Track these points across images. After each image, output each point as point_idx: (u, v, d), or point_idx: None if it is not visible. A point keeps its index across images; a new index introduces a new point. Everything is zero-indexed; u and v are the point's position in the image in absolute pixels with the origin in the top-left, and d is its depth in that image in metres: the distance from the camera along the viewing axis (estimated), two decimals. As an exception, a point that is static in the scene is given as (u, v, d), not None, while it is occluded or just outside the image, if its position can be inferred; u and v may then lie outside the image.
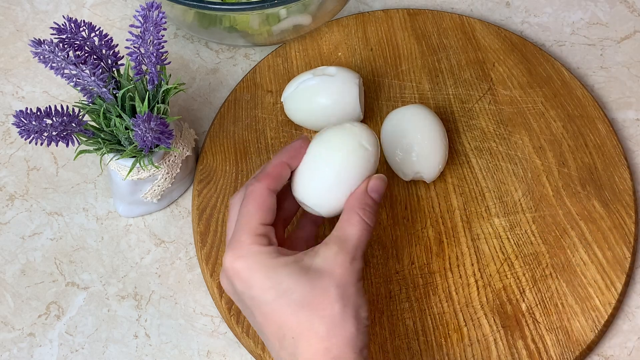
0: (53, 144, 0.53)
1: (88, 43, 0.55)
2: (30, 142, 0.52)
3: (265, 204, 0.48)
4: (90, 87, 0.55)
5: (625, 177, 0.62)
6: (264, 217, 0.48)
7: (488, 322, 0.57)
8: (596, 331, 0.56)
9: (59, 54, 0.52)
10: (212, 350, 0.59)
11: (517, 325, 0.56)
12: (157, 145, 0.57)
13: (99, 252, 0.63)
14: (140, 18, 0.53)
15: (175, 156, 0.61)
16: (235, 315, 0.58)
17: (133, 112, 0.57)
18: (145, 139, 0.54)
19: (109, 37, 0.56)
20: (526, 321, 0.56)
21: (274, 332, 0.45)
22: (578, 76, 0.70)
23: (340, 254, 0.46)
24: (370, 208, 0.49)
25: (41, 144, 0.53)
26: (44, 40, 0.51)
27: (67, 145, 0.54)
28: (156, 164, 0.59)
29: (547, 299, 0.57)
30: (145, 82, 0.57)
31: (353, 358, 0.43)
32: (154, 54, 0.54)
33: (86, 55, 0.54)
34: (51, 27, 0.53)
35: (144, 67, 0.56)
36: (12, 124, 0.52)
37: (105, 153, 0.57)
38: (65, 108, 0.53)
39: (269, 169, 0.50)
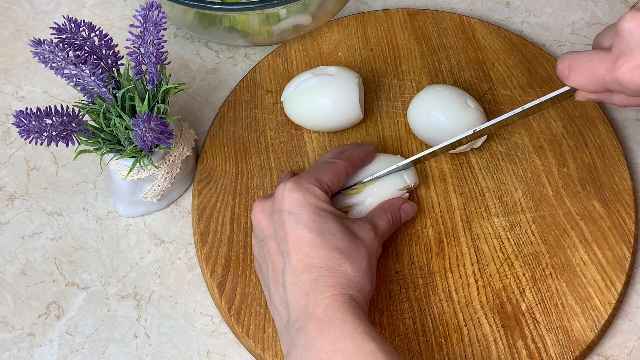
0: (53, 144, 0.53)
1: (88, 43, 0.55)
2: (30, 142, 0.52)
3: (338, 176, 0.56)
4: (90, 87, 0.55)
5: (625, 177, 0.62)
6: (332, 182, 0.55)
7: (488, 322, 0.57)
8: (596, 331, 0.56)
9: (59, 54, 0.52)
10: (212, 350, 0.59)
11: (517, 325, 0.56)
12: (157, 145, 0.57)
13: (99, 252, 0.63)
14: (140, 18, 0.53)
15: (175, 156, 0.61)
16: (235, 315, 0.58)
17: (133, 112, 0.57)
18: (145, 139, 0.54)
19: (109, 37, 0.56)
20: (526, 321, 0.56)
21: (301, 259, 0.50)
22: (578, 76, 0.70)
23: (372, 232, 0.55)
24: (397, 220, 0.58)
25: (41, 144, 0.53)
26: (44, 40, 0.51)
27: (67, 145, 0.54)
28: (156, 164, 0.59)
29: (547, 299, 0.57)
30: (145, 82, 0.57)
31: (362, 303, 0.50)
32: (154, 54, 0.54)
33: (86, 55, 0.55)
34: (51, 27, 0.53)
35: (144, 67, 0.56)
36: (12, 124, 0.52)
37: (105, 153, 0.57)
38: (65, 108, 0.54)
39: (351, 157, 0.58)
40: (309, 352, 0.47)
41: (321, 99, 0.63)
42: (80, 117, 0.55)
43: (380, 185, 0.59)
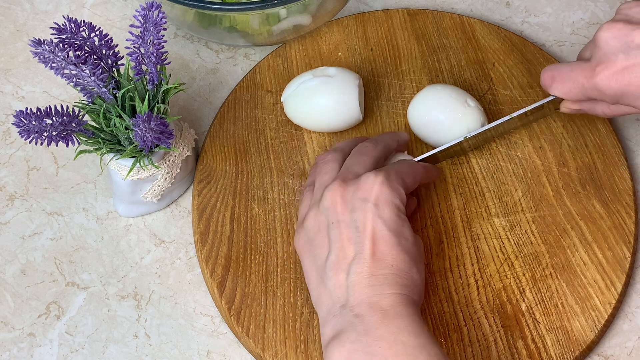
0: (53, 144, 0.53)
1: (88, 43, 0.55)
2: (30, 142, 0.52)
3: (416, 182, 0.57)
4: (90, 87, 0.55)
5: (625, 177, 0.62)
6: (411, 186, 0.56)
7: (488, 322, 0.57)
8: (596, 331, 0.56)
9: (59, 54, 0.52)
10: (212, 350, 0.59)
11: (517, 325, 0.56)
12: (157, 145, 0.58)
13: (99, 252, 0.63)
14: (140, 18, 0.53)
15: (175, 156, 0.61)
16: (235, 315, 0.58)
17: (133, 112, 0.57)
18: (145, 139, 0.54)
19: (109, 37, 0.56)
20: (526, 321, 0.56)
21: (374, 252, 0.50)
22: (578, 76, 0.70)
23: (421, 242, 0.55)
24: None
25: (41, 144, 0.53)
26: (44, 40, 0.51)
27: (67, 145, 0.54)
28: (156, 164, 0.59)
29: (547, 299, 0.57)
30: (145, 82, 0.57)
31: (419, 306, 0.51)
32: (154, 54, 0.54)
33: (86, 55, 0.55)
34: (51, 27, 0.53)
35: (144, 67, 0.56)
36: (12, 124, 0.52)
37: (105, 153, 0.57)
38: (65, 108, 0.54)
39: (424, 169, 0.59)
40: (367, 338, 0.47)
41: (321, 100, 0.63)
42: (80, 117, 0.55)
43: None
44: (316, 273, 0.53)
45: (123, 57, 0.57)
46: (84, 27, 0.54)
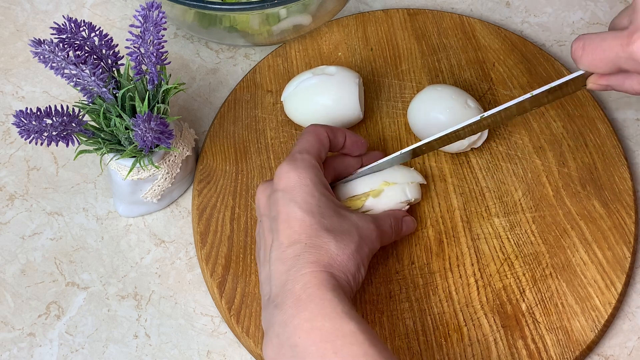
0: (53, 144, 0.53)
1: (88, 43, 0.55)
2: (30, 142, 0.52)
3: (322, 140, 0.56)
4: (90, 87, 0.55)
5: (625, 177, 0.63)
6: (320, 150, 0.56)
7: (488, 322, 0.57)
8: (596, 331, 0.56)
9: (59, 54, 0.52)
10: (212, 350, 0.59)
11: (517, 325, 0.56)
12: (157, 145, 0.58)
13: (99, 252, 0.63)
14: (140, 18, 0.53)
15: (175, 156, 0.61)
16: (235, 315, 0.58)
17: (133, 112, 0.57)
18: (145, 139, 0.54)
19: (109, 37, 0.56)
20: (526, 321, 0.56)
21: (289, 235, 0.50)
22: (578, 76, 0.70)
23: (372, 223, 0.54)
24: (398, 228, 0.58)
25: (41, 144, 0.53)
26: (44, 40, 0.51)
27: (67, 145, 0.54)
28: (156, 164, 0.59)
29: (547, 299, 0.57)
30: (145, 82, 0.57)
31: (345, 284, 0.50)
32: (154, 54, 0.54)
33: (86, 55, 0.55)
34: (51, 27, 0.53)
35: (144, 67, 0.56)
36: (12, 124, 0.52)
37: (105, 153, 0.57)
38: (65, 108, 0.54)
39: (329, 128, 0.58)
40: (285, 330, 0.47)
41: (321, 99, 0.63)
42: (80, 117, 0.55)
43: (382, 197, 0.59)
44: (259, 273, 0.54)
45: (123, 57, 0.57)
46: (84, 27, 0.54)
